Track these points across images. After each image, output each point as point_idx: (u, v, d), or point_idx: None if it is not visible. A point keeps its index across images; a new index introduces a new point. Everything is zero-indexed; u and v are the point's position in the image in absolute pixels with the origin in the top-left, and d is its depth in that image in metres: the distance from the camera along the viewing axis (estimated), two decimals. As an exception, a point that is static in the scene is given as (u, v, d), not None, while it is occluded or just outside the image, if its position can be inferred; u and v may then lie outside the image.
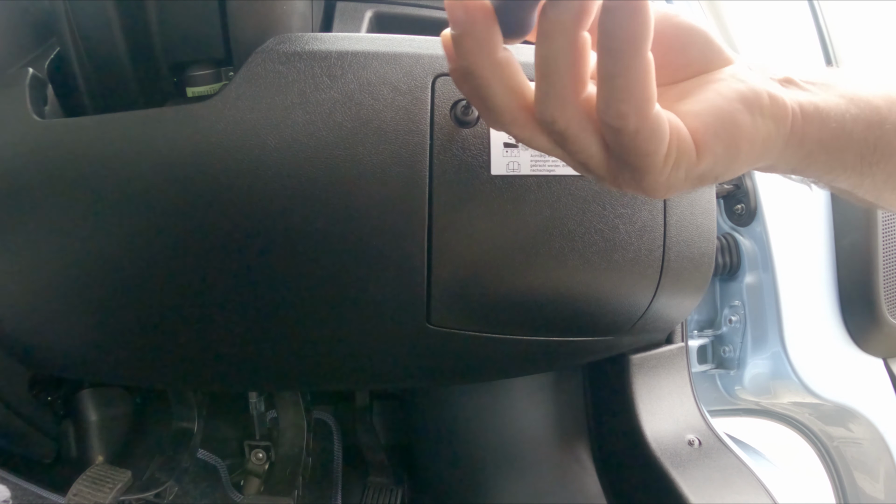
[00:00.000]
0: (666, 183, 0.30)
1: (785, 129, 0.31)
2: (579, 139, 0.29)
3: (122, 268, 0.42)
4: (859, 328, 0.77)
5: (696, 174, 0.30)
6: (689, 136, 0.29)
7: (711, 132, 0.29)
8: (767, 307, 0.73)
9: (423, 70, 0.41)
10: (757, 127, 0.30)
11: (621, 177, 0.30)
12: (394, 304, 0.43)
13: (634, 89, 0.26)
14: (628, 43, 0.25)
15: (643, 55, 0.25)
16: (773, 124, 0.31)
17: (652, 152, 0.28)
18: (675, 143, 0.28)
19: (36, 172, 0.42)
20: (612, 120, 0.27)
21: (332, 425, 0.85)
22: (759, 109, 0.30)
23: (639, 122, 0.27)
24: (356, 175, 0.39)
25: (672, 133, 0.28)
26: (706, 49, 0.33)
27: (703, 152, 0.29)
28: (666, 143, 0.28)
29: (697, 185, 0.31)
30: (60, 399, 0.64)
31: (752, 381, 0.76)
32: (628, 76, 0.26)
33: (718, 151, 0.30)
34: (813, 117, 0.32)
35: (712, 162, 0.30)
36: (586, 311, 0.48)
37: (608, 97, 0.26)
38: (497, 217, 0.42)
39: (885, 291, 0.75)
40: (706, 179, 0.31)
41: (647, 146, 0.28)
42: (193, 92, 0.44)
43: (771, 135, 0.31)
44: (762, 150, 0.31)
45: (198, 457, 0.76)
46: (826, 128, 0.32)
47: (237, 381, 0.53)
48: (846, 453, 0.86)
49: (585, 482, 0.64)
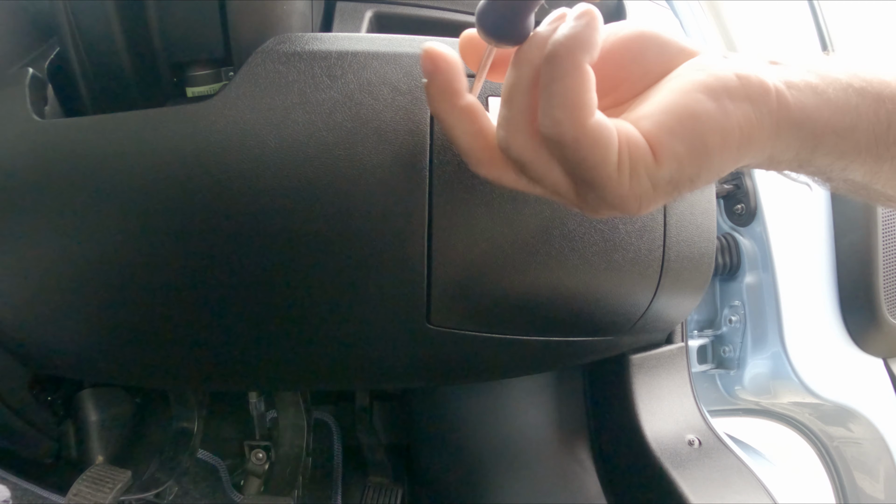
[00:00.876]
0: (633, 195, 0.28)
1: (768, 108, 0.28)
2: (535, 164, 0.29)
3: (121, 268, 0.42)
4: (859, 328, 0.77)
5: (665, 180, 0.28)
6: (643, 140, 0.28)
7: (666, 130, 0.28)
8: (767, 307, 0.73)
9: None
10: (727, 113, 0.27)
11: (589, 198, 0.30)
12: (394, 304, 0.43)
13: (569, 95, 0.26)
14: (566, 49, 0.26)
15: (580, 63, 0.26)
16: (750, 106, 0.28)
17: (599, 162, 0.27)
18: (626, 149, 0.27)
19: (36, 172, 0.42)
20: (548, 129, 0.27)
21: (332, 425, 0.85)
22: (727, 93, 0.28)
23: (576, 131, 0.26)
24: (356, 175, 0.39)
25: (621, 140, 0.27)
26: (662, 52, 0.31)
27: (661, 154, 0.28)
28: (612, 151, 0.27)
29: (675, 193, 0.29)
30: (60, 399, 0.64)
31: (752, 381, 0.76)
32: (564, 81, 0.26)
33: (680, 150, 0.28)
34: (806, 92, 0.29)
35: (676, 163, 0.28)
36: (586, 311, 0.48)
37: (545, 105, 0.27)
38: (497, 217, 0.42)
39: (885, 291, 0.75)
40: (681, 184, 0.29)
41: (592, 156, 0.27)
42: (193, 92, 0.44)
43: (749, 118, 0.28)
44: (743, 138, 0.28)
45: (198, 457, 0.76)
46: (826, 103, 0.29)
47: (237, 381, 0.53)
48: (846, 453, 0.86)
49: (585, 482, 0.64)
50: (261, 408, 0.75)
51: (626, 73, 0.31)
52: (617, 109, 0.33)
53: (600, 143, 0.27)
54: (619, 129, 0.28)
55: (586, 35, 0.26)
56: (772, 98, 0.28)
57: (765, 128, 0.28)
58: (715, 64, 0.29)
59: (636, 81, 0.32)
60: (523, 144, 0.29)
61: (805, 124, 0.29)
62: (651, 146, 0.28)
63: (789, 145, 0.29)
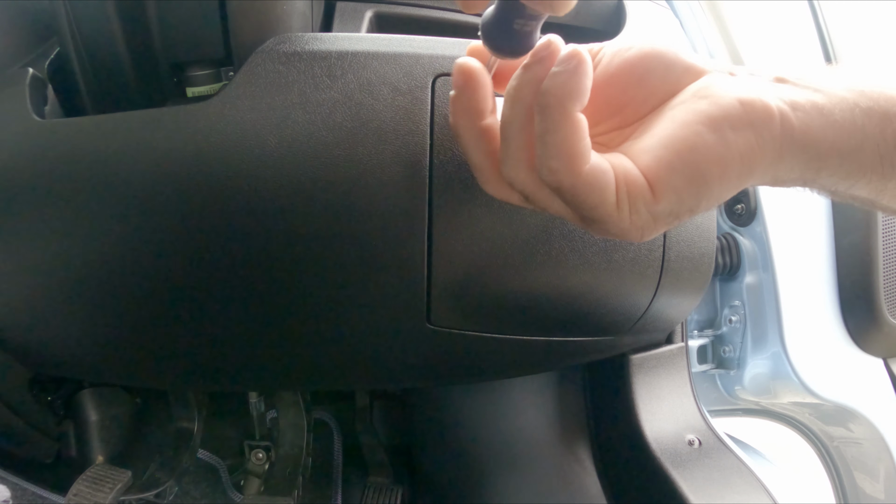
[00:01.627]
0: (634, 227, 0.29)
1: (771, 134, 0.28)
2: (538, 197, 0.30)
3: (122, 268, 0.42)
4: (859, 328, 0.77)
5: (665, 212, 0.28)
6: (641, 176, 0.28)
7: (665, 166, 0.28)
8: (767, 307, 0.73)
9: (423, 70, 0.41)
10: (728, 144, 0.27)
11: (591, 225, 0.30)
12: (394, 304, 0.43)
13: (563, 146, 0.27)
14: (557, 99, 0.27)
15: (571, 113, 0.27)
16: (752, 133, 0.27)
17: (597, 204, 0.28)
18: (624, 187, 0.28)
19: (36, 172, 0.42)
20: (546, 177, 0.28)
21: (332, 425, 0.85)
22: (728, 123, 0.27)
23: (572, 178, 0.27)
24: (356, 175, 0.39)
25: (619, 178, 0.28)
26: (667, 73, 0.31)
27: (659, 189, 0.28)
28: (610, 192, 0.28)
29: (675, 221, 0.29)
30: (60, 399, 0.64)
31: (752, 381, 0.76)
32: (557, 133, 0.27)
33: (679, 184, 0.28)
34: (812, 114, 0.28)
35: (675, 197, 0.28)
36: (586, 311, 0.48)
37: (541, 155, 0.28)
38: (497, 217, 0.42)
39: (885, 291, 0.75)
40: (681, 214, 0.29)
41: (588, 199, 0.28)
42: (193, 92, 0.44)
43: (752, 146, 0.27)
44: (744, 167, 0.28)
45: (198, 457, 0.76)
46: (832, 125, 0.28)
47: (237, 381, 0.53)
48: (846, 453, 0.86)
49: (585, 482, 0.64)
50: (261, 408, 0.75)
51: (631, 96, 0.31)
52: (622, 132, 0.33)
53: (596, 188, 0.27)
54: (616, 167, 0.28)
55: (575, 83, 0.27)
56: (775, 123, 0.28)
57: (767, 153, 0.28)
58: (719, 88, 0.29)
59: (641, 104, 0.31)
60: (525, 179, 0.30)
61: (810, 147, 0.28)
62: (649, 182, 0.28)
63: (793, 168, 0.29)
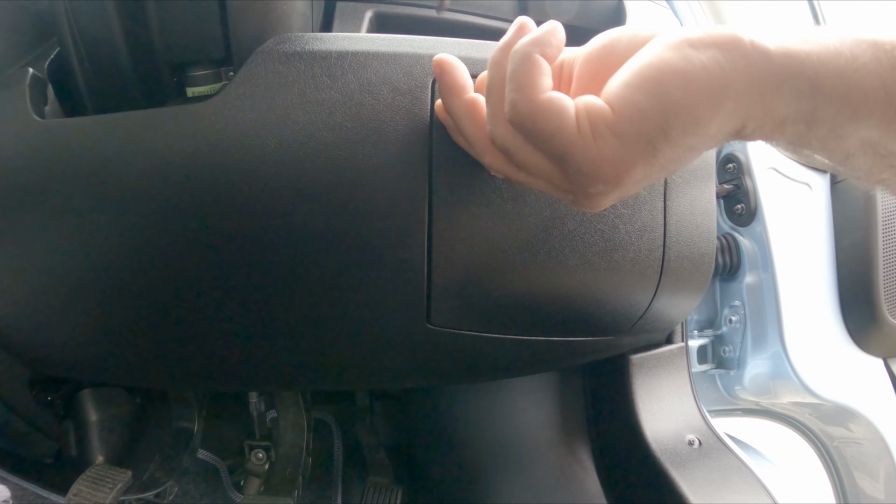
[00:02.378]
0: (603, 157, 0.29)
1: (741, 52, 0.27)
2: (516, 149, 0.33)
3: (122, 268, 0.42)
4: (859, 328, 0.77)
5: (631, 134, 0.28)
6: (600, 101, 0.29)
7: (621, 84, 0.29)
8: (767, 307, 0.73)
9: (423, 70, 0.41)
10: (688, 58, 0.27)
11: (571, 177, 0.32)
12: (394, 304, 0.43)
13: (521, 78, 0.30)
14: (521, 45, 0.31)
15: (530, 54, 0.31)
16: (718, 51, 0.27)
17: (556, 129, 0.30)
18: (584, 111, 0.29)
19: (36, 172, 0.42)
20: (509, 112, 0.31)
21: (332, 425, 0.85)
22: (688, 44, 0.28)
23: (529, 105, 0.30)
24: (356, 175, 0.39)
25: (579, 106, 0.30)
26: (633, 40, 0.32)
27: (618, 105, 0.29)
28: (568, 116, 0.30)
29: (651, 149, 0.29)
30: (60, 399, 0.64)
31: (752, 381, 0.76)
32: (516, 69, 0.31)
33: (637, 97, 0.28)
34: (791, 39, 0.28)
35: (636, 112, 0.28)
36: (586, 311, 0.48)
37: (507, 93, 0.31)
38: (497, 217, 0.42)
39: (885, 291, 0.75)
40: (654, 138, 0.28)
41: (548, 125, 0.30)
42: (193, 92, 0.44)
43: (718, 61, 0.27)
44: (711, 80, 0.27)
45: (198, 457, 0.76)
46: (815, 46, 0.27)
47: (237, 381, 0.53)
48: (846, 453, 0.86)
49: (585, 482, 0.64)
50: (261, 408, 0.75)
51: (606, 68, 0.33)
52: None
53: (553, 111, 0.30)
54: (578, 100, 0.30)
55: (540, 37, 0.31)
56: (745, 44, 0.27)
57: (740, 72, 0.27)
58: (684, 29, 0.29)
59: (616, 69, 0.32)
60: (503, 132, 0.33)
61: (793, 68, 0.27)
62: (609, 103, 0.29)
63: (782, 95, 0.28)
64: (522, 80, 0.30)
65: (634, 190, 0.32)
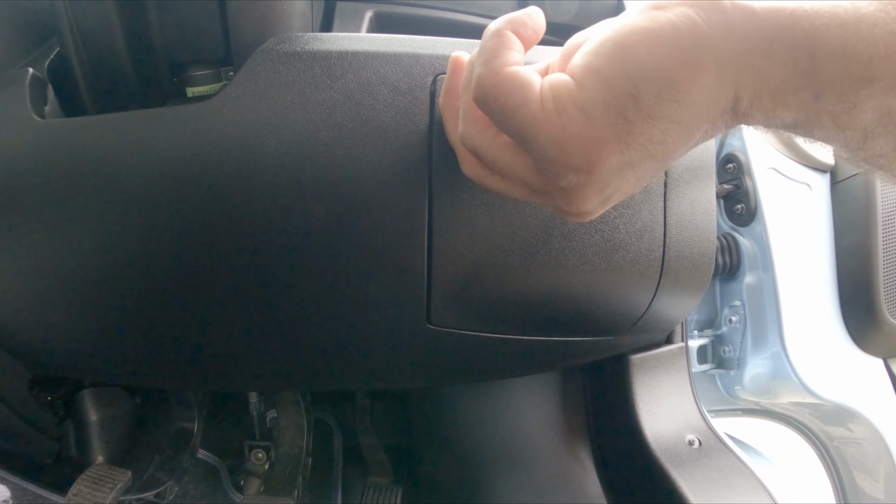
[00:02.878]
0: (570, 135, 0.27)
1: (716, 7, 0.25)
2: (487, 149, 0.32)
3: (121, 268, 0.42)
4: (859, 328, 0.77)
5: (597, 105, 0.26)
6: (564, 74, 0.28)
7: (583, 53, 0.27)
8: (767, 307, 0.73)
9: (423, 70, 0.41)
10: (653, 18, 0.26)
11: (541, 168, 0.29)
12: (394, 304, 0.43)
13: (487, 53, 0.30)
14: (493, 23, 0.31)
15: (500, 30, 0.30)
16: (688, 8, 0.25)
17: (520, 103, 0.28)
18: (547, 86, 0.28)
19: (36, 172, 0.42)
20: (475, 90, 0.30)
21: (332, 425, 0.85)
22: (655, 6, 0.26)
23: (492, 78, 0.29)
24: (356, 175, 0.39)
25: (544, 82, 0.28)
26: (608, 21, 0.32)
27: (580, 76, 0.27)
28: (531, 90, 0.28)
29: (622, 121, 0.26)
30: (60, 399, 0.64)
31: (752, 381, 0.76)
32: (484, 45, 0.30)
33: (600, 65, 0.26)
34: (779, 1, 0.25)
35: (599, 81, 0.26)
36: (586, 311, 0.48)
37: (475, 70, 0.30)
38: (497, 217, 0.42)
39: (885, 291, 0.75)
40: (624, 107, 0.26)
41: (511, 99, 0.28)
42: (193, 92, 0.44)
43: (689, 18, 0.25)
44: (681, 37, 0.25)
45: (198, 457, 0.76)
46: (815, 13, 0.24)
47: (237, 381, 0.53)
48: (846, 453, 0.86)
49: (585, 482, 0.64)
50: (261, 408, 0.75)
51: None
52: None
53: (516, 83, 0.28)
54: (545, 77, 0.29)
55: (516, 16, 0.31)
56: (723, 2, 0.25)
57: (718, 27, 0.25)
58: None
59: None
60: (474, 131, 0.32)
61: (783, 21, 0.25)
62: (572, 75, 0.27)
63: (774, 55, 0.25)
64: (489, 54, 0.30)
65: (623, 185, 0.29)
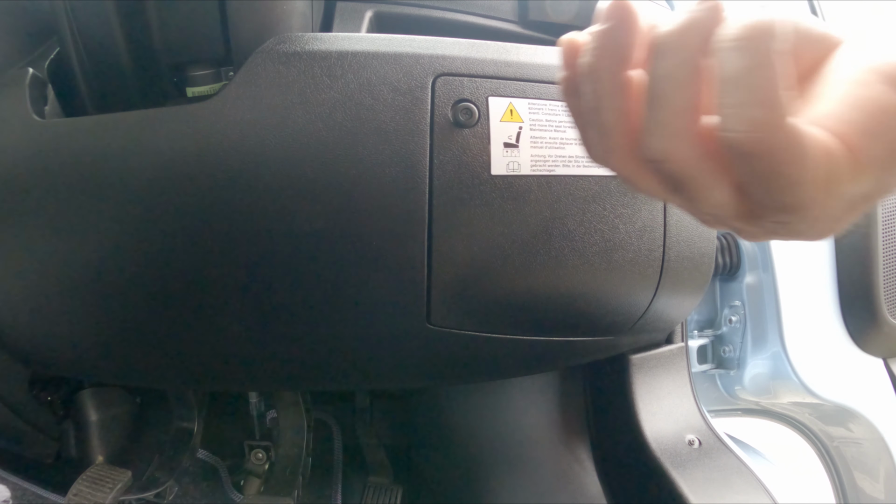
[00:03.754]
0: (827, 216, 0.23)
1: None
2: (698, 180, 0.23)
3: (122, 268, 0.42)
4: (859, 328, 0.77)
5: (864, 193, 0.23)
6: (840, 144, 0.22)
7: (860, 130, 0.22)
8: (767, 307, 0.73)
9: (423, 70, 0.41)
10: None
11: (766, 222, 0.24)
12: (394, 304, 0.43)
13: (765, 90, 0.20)
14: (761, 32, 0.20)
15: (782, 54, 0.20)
16: None
17: (796, 177, 0.21)
18: (824, 157, 0.21)
19: (36, 172, 0.42)
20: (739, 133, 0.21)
21: (332, 425, 0.85)
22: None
23: (773, 134, 0.21)
24: (356, 175, 0.39)
25: (817, 146, 0.22)
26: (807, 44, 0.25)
27: (863, 159, 0.22)
28: (813, 159, 0.21)
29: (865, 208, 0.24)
30: (60, 399, 0.64)
31: (752, 381, 0.76)
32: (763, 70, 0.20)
33: (879, 153, 0.22)
34: None
35: (880, 170, 0.22)
36: (586, 311, 0.48)
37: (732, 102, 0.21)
38: (497, 217, 0.42)
39: (885, 291, 0.75)
40: (873, 199, 0.23)
41: (789, 167, 0.21)
42: (193, 92, 0.44)
43: None
44: None
45: (198, 457, 0.76)
46: None
47: (237, 381, 0.53)
48: (846, 453, 0.86)
49: (585, 482, 0.64)
50: (261, 408, 0.75)
51: None
52: None
53: (798, 150, 0.21)
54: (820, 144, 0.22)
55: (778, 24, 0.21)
56: None
57: None
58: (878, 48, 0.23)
59: None
60: (685, 155, 0.23)
61: None
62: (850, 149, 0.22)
63: None
64: (769, 95, 0.20)
65: None
